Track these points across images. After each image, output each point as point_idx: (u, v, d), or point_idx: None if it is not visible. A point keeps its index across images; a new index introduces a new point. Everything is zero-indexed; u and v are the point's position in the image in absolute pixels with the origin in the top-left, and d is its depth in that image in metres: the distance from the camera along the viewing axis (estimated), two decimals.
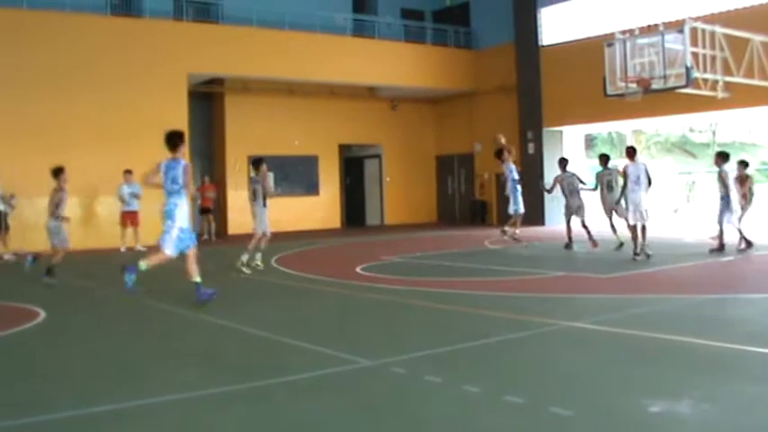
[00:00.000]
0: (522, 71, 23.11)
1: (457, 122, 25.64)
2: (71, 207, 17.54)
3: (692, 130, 35.58)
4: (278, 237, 19.98)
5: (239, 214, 22.08)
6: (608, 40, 14.15)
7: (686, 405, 4.57)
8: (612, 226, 14.07)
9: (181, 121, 19.15)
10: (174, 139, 8.79)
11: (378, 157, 25.68)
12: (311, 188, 23.72)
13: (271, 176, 13.13)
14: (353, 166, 26.14)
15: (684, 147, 37.69)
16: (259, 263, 12.44)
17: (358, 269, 12.22)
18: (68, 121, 17.71)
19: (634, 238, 12.33)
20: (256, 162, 12.62)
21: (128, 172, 17.32)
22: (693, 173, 30.90)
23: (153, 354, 6.60)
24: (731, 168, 13.07)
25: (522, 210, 15.47)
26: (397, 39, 23.79)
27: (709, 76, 13.60)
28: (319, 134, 23.61)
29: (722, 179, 12.76)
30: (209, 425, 4.55)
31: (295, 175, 23.38)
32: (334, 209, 24.30)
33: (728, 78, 13.95)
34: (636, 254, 12.23)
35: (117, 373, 5.88)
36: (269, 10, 20.70)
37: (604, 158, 14.71)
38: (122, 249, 17.12)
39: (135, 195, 17.31)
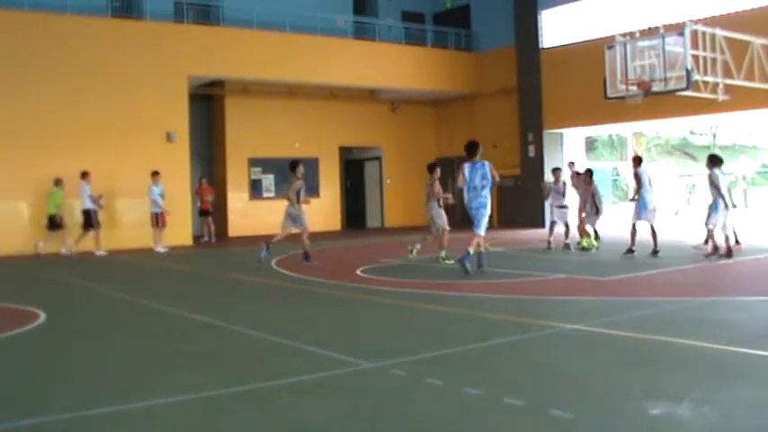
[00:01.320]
0: (522, 73, 23.12)
1: (457, 125, 25.62)
2: (71, 209, 17.71)
3: (692, 133, 35.58)
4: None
5: (239, 216, 22.14)
6: (608, 42, 14.15)
7: (687, 407, 4.56)
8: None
9: (181, 123, 19.23)
10: (474, 148, 11.18)
11: (378, 159, 25.68)
12: (311, 190, 23.56)
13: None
14: (354, 169, 26.14)
15: (685, 149, 37.67)
16: (443, 255, 13.03)
17: (358, 271, 12.21)
18: (68, 122, 17.72)
19: (633, 235, 13.23)
20: (432, 167, 13.58)
21: (155, 173, 17.48)
22: (694, 175, 30.87)
23: (152, 356, 6.59)
24: (720, 172, 12.82)
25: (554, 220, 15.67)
26: (398, 41, 23.82)
27: (709, 78, 13.59)
28: (320, 136, 23.62)
29: (712, 182, 12.70)
30: (209, 427, 4.54)
31: None
32: (334, 211, 24.30)
33: (729, 81, 13.94)
34: (631, 250, 13.10)
35: (117, 375, 5.88)
36: (269, 12, 20.72)
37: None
38: (160, 250, 17.35)
39: (162, 196, 17.47)
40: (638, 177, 13.46)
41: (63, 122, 17.64)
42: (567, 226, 15.16)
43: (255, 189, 22.70)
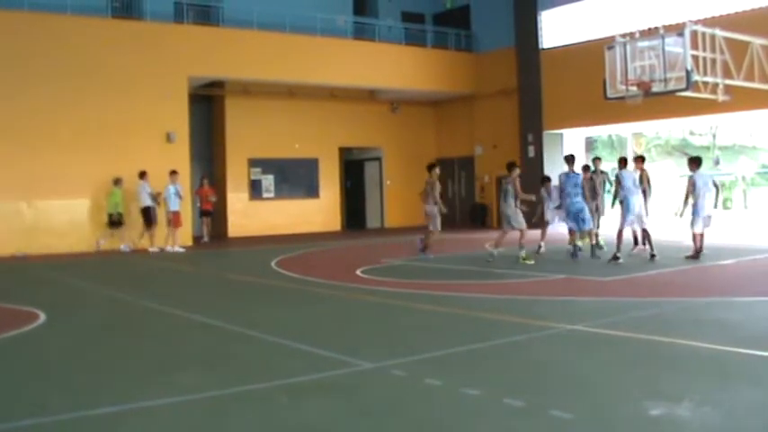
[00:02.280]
0: (522, 74, 23.11)
1: (457, 125, 25.63)
2: (71, 209, 17.73)
3: (692, 134, 35.58)
4: (278, 239, 20.03)
5: (239, 217, 22.13)
6: (608, 43, 14.14)
7: (687, 408, 4.56)
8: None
9: (181, 124, 19.23)
10: (571, 160, 13.32)
11: (378, 159, 25.67)
12: (311, 191, 23.72)
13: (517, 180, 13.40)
14: (354, 169, 26.13)
15: (685, 150, 37.68)
16: (523, 255, 13.05)
17: (358, 272, 12.21)
18: (68, 122, 17.71)
19: (618, 241, 12.71)
20: (510, 166, 13.54)
21: (173, 172, 17.58)
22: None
23: (152, 356, 6.60)
24: (699, 175, 12.81)
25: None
26: (398, 42, 23.81)
27: (709, 79, 13.59)
28: (319, 137, 23.61)
29: (691, 186, 12.73)
30: (209, 427, 4.54)
31: (295, 177, 23.38)
32: (334, 212, 24.29)
33: (729, 81, 13.94)
34: (616, 257, 12.51)
35: (116, 376, 5.88)
36: (269, 13, 20.71)
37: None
38: (158, 249, 17.46)
39: (179, 195, 17.57)
40: (619, 181, 13.05)
41: (63, 122, 17.62)
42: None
43: (255, 189, 22.68)
